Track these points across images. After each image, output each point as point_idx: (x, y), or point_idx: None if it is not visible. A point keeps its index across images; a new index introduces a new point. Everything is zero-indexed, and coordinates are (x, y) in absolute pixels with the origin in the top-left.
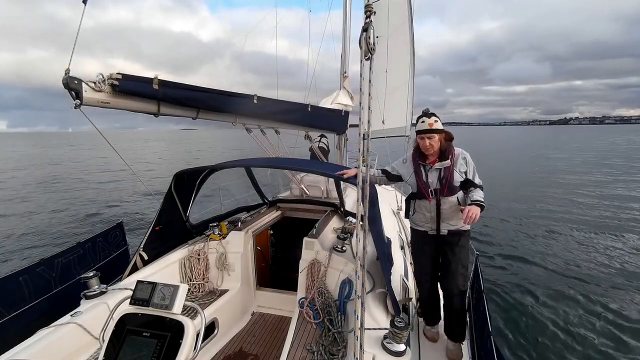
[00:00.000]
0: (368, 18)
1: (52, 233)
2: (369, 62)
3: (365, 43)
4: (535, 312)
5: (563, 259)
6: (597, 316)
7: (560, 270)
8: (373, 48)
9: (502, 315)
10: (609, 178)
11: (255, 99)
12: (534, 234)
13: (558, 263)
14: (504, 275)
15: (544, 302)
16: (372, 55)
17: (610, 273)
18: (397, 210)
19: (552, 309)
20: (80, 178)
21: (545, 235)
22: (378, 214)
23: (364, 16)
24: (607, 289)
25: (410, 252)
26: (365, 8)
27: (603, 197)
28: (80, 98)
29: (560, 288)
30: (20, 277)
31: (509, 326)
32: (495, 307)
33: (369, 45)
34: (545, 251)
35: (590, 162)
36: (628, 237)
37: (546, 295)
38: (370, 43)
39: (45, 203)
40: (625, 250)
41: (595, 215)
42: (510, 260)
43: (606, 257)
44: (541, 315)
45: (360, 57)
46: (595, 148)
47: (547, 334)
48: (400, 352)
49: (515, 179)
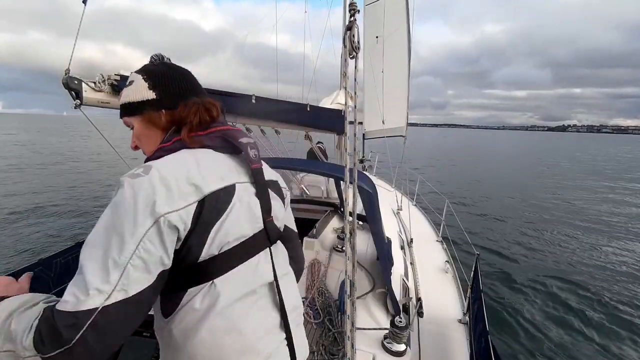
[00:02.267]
0: (352, 17)
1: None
2: (354, 61)
3: (350, 42)
4: (535, 312)
5: (563, 260)
6: (598, 316)
7: (560, 271)
8: (357, 47)
9: (501, 315)
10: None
11: (253, 98)
12: (534, 233)
13: (559, 264)
14: (504, 276)
15: (544, 302)
16: (356, 54)
17: (614, 274)
18: (397, 210)
19: (552, 308)
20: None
21: (547, 236)
22: (378, 214)
23: (348, 14)
24: (611, 292)
25: (410, 252)
26: (350, 6)
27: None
28: (80, 98)
29: (561, 288)
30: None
31: (508, 326)
32: (495, 307)
33: (353, 44)
34: (546, 251)
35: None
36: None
37: (547, 295)
38: (354, 42)
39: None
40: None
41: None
42: (511, 260)
43: (608, 258)
44: (541, 315)
45: (345, 55)
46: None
47: (546, 334)
48: (400, 352)
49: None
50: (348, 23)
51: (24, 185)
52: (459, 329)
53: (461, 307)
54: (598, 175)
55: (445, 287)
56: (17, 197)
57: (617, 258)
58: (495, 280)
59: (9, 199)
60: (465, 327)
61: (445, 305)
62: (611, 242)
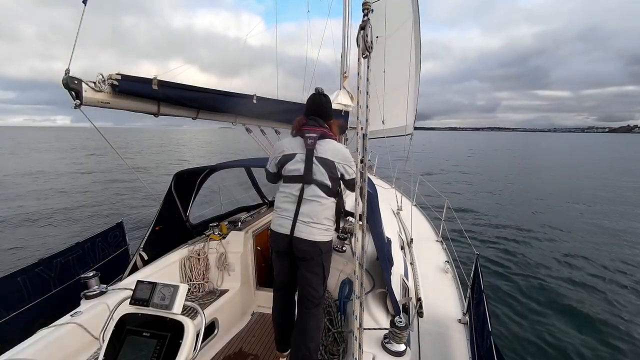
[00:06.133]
0: (366, 16)
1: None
2: (367, 60)
3: (363, 41)
4: (535, 312)
5: (568, 258)
6: (599, 316)
7: (561, 272)
8: (371, 46)
9: (501, 315)
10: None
11: (254, 98)
12: (532, 230)
13: (561, 266)
14: (503, 276)
15: (544, 302)
16: (369, 54)
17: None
18: (397, 210)
19: (552, 309)
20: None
21: (549, 238)
22: (378, 214)
23: (362, 14)
24: (616, 295)
25: (410, 252)
26: (363, 6)
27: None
28: (80, 98)
29: (561, 289)
30: (18, 277)
31: (509, 326)
32: (494, 307)
33: (367, 44)
34: (546, 251)
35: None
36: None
37: (547, 295)
38: (367, 41)
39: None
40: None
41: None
42: (510, 260)
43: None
44: (541, 315)
45: (358, 55)
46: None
47: (547, 334)
48: (400, 352)
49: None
50: (362, 22)
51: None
52: (459, 329)
53: (461, 307)
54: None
55: (445, 287)
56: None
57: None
58: (496, 280)
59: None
60: (465, 327)
61: (445, 305)
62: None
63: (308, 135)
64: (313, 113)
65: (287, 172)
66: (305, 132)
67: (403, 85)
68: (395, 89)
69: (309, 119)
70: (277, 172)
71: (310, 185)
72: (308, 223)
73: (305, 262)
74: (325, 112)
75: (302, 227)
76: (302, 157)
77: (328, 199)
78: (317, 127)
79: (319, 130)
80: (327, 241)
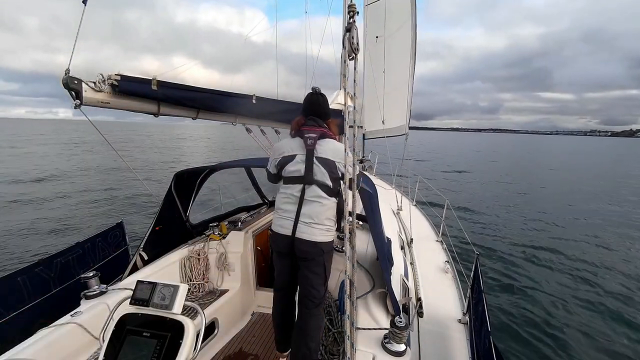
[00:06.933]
0: (351, 18)
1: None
2: (353, 62)
3: (349, 43)
4: (535, 312)
5: (568, 259)
6: (600, 316)
7: (562, 272)
8: (357, 48)
9: (501, 315)
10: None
11: (253, 99)
12: (528, 227)
13: (562, 264)
14: (504, 276)
15: (545, 302)
16: (356, 56)
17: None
18: (397, 210)
19: (552, 309)
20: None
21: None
22: (378, 214)
23: (347, 16)
24: (617, 296)
25: (410, 252)
26: (349, 8)
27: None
28: (80, 98)
29: (563, 289)
30: (18, 277)
31: (508, 326)
32: (494, 307)
33: (352, 46)
34: (547, 251)
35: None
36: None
37: (547, 295)
38: (353, 43)
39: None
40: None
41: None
42: (510, 260)
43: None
44: (541, 315)
45: (344, 57)
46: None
47: (547, 334)
48: (400, 352)
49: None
50: (347, 25)
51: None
52: (459, 329)
53: (461, 307)
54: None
55: (445, 287)
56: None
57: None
58: (496, 279)
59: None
60: (465, 327)
61: (445, 305)
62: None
63: (308, 136)
64: (311, 113)
65: (287, 173)
66: (305, 132)
67: (401, 85)
68: (395, 89)
69: (308, 119)
70: (277, 173)
71: (311, 185)
72: (309, 224)
73: (306, 263)
74: (324, 111)
75: (303, 227)
76: (302, 158)
77: (329, 199)
78: (316, 127)
79: (318, 130)
80: (328, 241)
